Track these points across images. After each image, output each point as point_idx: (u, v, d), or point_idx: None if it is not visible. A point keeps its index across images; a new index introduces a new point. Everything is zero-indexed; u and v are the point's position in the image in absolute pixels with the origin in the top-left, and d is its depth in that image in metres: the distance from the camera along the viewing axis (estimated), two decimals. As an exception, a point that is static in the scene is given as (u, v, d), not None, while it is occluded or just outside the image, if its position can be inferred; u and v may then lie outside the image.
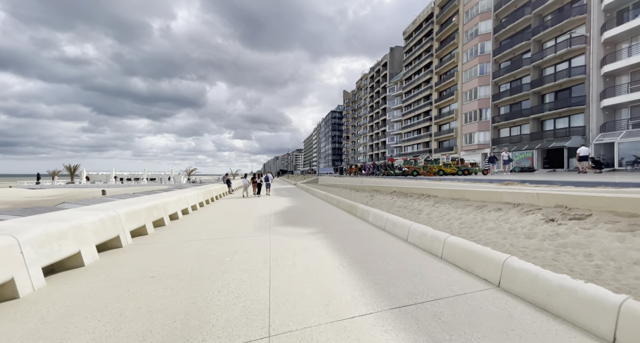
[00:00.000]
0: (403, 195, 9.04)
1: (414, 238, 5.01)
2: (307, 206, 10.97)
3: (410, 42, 52.85)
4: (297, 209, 10.07)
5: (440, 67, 42.92)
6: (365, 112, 77.20)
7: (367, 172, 26.01)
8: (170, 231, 6.40)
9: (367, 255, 4.42)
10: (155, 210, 6.71)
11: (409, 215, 6.45)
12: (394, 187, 10.25)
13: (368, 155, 74.18)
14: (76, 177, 53.34)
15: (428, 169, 19.62)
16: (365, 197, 10.82)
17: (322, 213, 8.91)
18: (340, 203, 10.10)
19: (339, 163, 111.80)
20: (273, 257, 4.35)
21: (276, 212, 9.30)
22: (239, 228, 6.62)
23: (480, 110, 34.51)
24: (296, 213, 8.98)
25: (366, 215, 7.50)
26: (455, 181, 9.82)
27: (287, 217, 8.34)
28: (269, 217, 8.40)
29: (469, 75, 36.10)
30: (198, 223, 7.36)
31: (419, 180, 11.37)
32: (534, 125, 28.73)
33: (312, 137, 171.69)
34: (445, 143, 43.00)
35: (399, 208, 7.42)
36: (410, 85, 51.97)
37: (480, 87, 34.38)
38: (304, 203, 12.14)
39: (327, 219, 7.84)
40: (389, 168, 22.25)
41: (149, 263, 4.08)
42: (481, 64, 34.41)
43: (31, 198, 29.42)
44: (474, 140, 35.11)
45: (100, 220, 4.57)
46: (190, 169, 63.99)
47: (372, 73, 71.17)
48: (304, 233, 6.06)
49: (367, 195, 11.13)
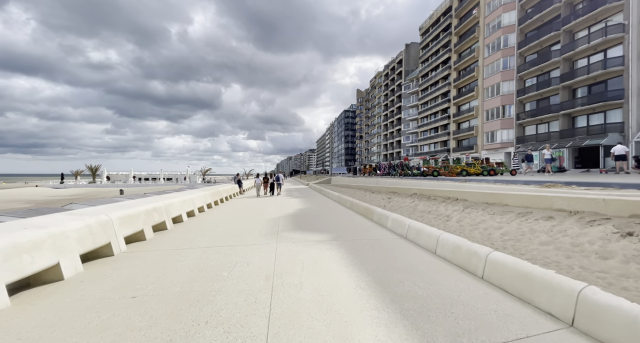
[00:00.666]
0: (425, 198, 8.18)
1: (445, 252, 4.22)
2: (319, 208, 10.31)
3: (427, 38, 51.06)
4: (308, 212, 9.44)
5: (459, 62, 41.07)
6: (379, 111, 75.67)
7: (383, 172, 25.01)
8: (170, 236, 5.92)
9: (389, 272, 3.68)
10: (156, 213, 6.26)
11: (435, 222, 5.64)
12: (414, 189, 9.39)
13: (382, 154, 72.62)
14: (97, 176, 55.44)
15: (450, 169, 18.43)
16: (382, 199, 10.02)
17: (334, 217, 8.21)
18: (355, 206, 9.36)
19: (352, 163, 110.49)
20: (277, 272, 3.71)
21: (286, 215, 8.70)
22: (245, 234, 6.05)
23: (503, 107, 32.59)
24: (307, 217, 8.33)
25: (384, 220, 6.74)
26: (484, 183, 8.84)
27: (297, 220, 7.71)
28: (278, 220, 7.80)
29: (490, 70, 34.20)
30: (202, 227, 6.87)
31: (441, 181, 10.43)
32: (564, 121, 26.68)
33: (324, 137, 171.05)
34: (464, 142, 41.09)
35: (422, 214, 6.61)
36: (427, 82, 50.20)
37: (504, 82, 32.45)
38: (315, 205, 11.49)
39: (341, 224, 7.14)
40: (406, 168, 21.17)
41: (135, 278, 3.54)
42: (504, 57, 32.47)
43: (53, 197, 30.55)
44: (497, 139, 33.20)
45: (87, 226, 4.09)
46: (205, 169, 65.06)
47: (387, 71, 69.59)
48: (315, 241, 5.40)
49: (384, 198, 10.32)
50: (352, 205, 9.83)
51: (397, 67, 64.26)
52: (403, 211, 7.25)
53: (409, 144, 58.37)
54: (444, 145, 45.91)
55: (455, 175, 17.61)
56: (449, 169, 18.37)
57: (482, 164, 20.14)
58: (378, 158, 76.34)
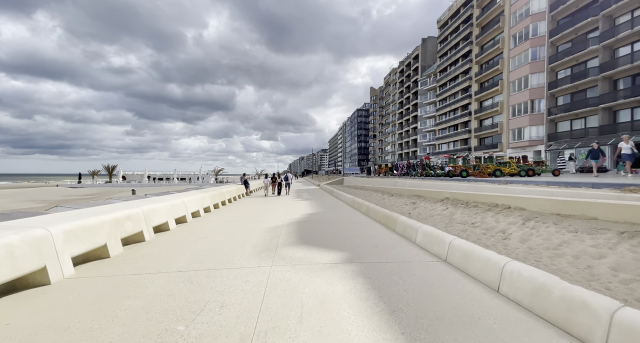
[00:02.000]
0: (462, 204, 6.67)
1: (520, 292, 2.77)
2: (330, 214, 8.96)
3: (446, 31, 48.51)
4: (317, 218, 8.11)
5: (481, 55, 38.48)
6: (394, 109, 73.33)
7: (400, 173, 23.25)
8: (142, 252, 4.76)
9: (439, 331, 2.28)
10: (130, 222, 5.13)
11: (486, 240, 4.18)
12: (446, 193, 7.85)
13: (397, 154, 70.26)
14: (114, 176, 56.59)
15: (480, 169, 16.47)
16: (405, 204, 8.54)
17: (348, 226, 6.85)
18: (372, 212, 7.95)
19: (365, 163, 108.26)
20: (261, 326, 2.40)
21: (290, 223, 7.41)
22: (234, 250, 4.80)
23: (532, 101, 29.96)
24: (315, 225, 7.01)
25: (411, 233, 5.32)
26: (532, 185, 7.18)
27: (303, 230, 6.40)
28: (279, 229, 6.52)
29: (517, 61, 31.61)
30: (187, 239, 5.69)
31: (476, 183, 8.82)
32: (604, 116, 23.96)
33: (337, 136, 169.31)
34: (487, 140, 38.46)
35: (463, 226, 5.13)
36: (446, 78, 47.67)
37: (532, 74, 29.83)
38: (326, 209, 10.15)
39: (356, 236, 5.77)
40: (428, 167, 19.34)
41: (48, 332, 2.33)
42: (533, 48, 29.85)
43: (66, 197, 30.85)
44: (524, 136, 30.59)
45: (5, 246, 2.94)
46: (217, 169, 65.22)
47: (402, 67, 67.20)
48: (322, 264, 4.06)
49: (407, 203, 8.83)
50: (368, 210, 8.42)
51: (413, 63, 61.82)
52: (436, 221, 5.78)
53: (425, 142, 55.88)
54: (465, 143, 43.31)
55: (486, 176, 15.65)
56: (480, 169, 16.48)
57: (519, 162, 17.80)
58: (392, 157, 73.97)
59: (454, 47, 46.36)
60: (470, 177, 15.39)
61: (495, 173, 15.89)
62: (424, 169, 19.20)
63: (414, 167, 21.26)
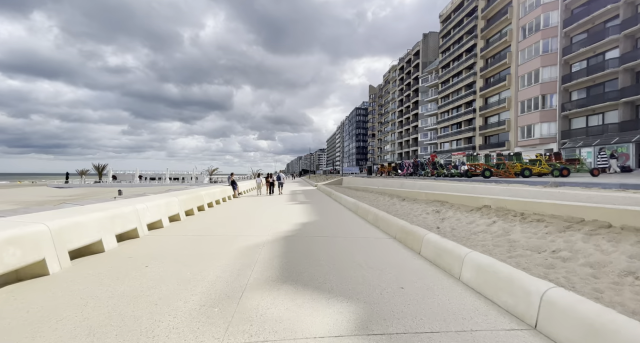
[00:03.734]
0: (516, 216, 4.80)
1: None
2: (329, 224, 7.08)
3: (448, 25, 46.73)
4: (311, 231, 6.22)
5: (487, 49, 36.71)
6: (393, 107, 71.54)
7: (406, 172, 21.34)
8: (14, 305, 2.83)
9: None
10: (14, 249, 3.20)
11: (604, 285, 2.30)
12: (485, 198, 5.98)
13: (397, 153, 68.51)
14: (104, 176, 54.40)
15: (506, 168, 14.40)
16: (425, 213, 6.67)
17: (353, 245, 4.98)
18: (383, 222, 6.09)
19: (363, 162, 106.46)
20: None
21: (276, 238, 5.52)
22: (171, 301, 2.89)
23: (543, 97, 28.21)
24: (308, 244, 5.12)
25: (451, 261, 3.47)
26: (600, 188, 5.31)
27: (291, 254, 4.51)
28: (258, 251, 4.63)
29: (527, 54, 29.84)
30: (114, 271, 3.77)
31: (510, 186, 6.97)
32: (625, 111, 22.22)
33: (335, 136, 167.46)
34: (492, 138, 36.72)
35: (539, 256, 3.25)
36: (448, 74, 45.89)
37: (544, 68, 28.08)
38: (324, 216, 8.27)
39: (367, 265, 3.90)
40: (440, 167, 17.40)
41: None
42: (545, 39, 28.09)
43: (47, 198, 28.75)
44: (534, 134, 28.85)
45: None
46: (212, 169, 63.20)
47: (402, 64, 65.39)
48: (316, 338, 2.16)
49: (427, 211, 6.95)
50: (377, 220, 6.55)
51: (413, 59, 60.01)
52: (487, 244, 3.93)
53: (427, 141, 54.13)
54: (469, 142, 41.55)
55: (514, 176, 13.72)
56: (505, 168, 14.39)
57: (549, 160, 15.64)
58: (392, 157, 72.22)
59: (457, 42, 44.57)
60: (494, 178, 13.42)
61: (524, 172, 13.91)
62: (435, 169, 17.28)
63: (422, 166, 19.35)
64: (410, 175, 20.81)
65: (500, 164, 14.88)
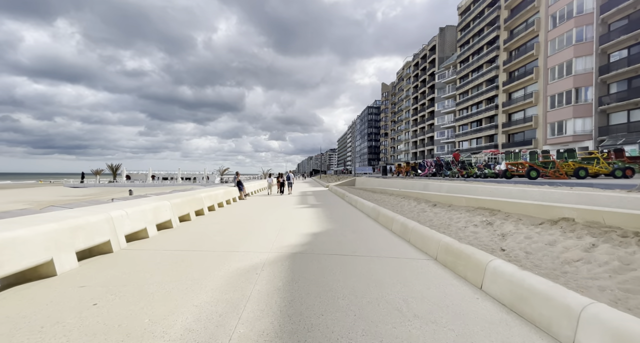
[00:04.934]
0: (635, 237, 3.35)
1: None
2: (345, 235, 5.80)
3: (467, 17, 44.32)
4: (324, 246, 4.96)
5: (510, 41, 34.30)
6: (407, 105, 69.25)
7: (427, 172, 19.63)
8: None
9: None
10: None
11: None
12: (565, 208, 4.48)
13: (411, 152, 66.22)
14: (118, 176, 55.18)
15: (556, 167, 12.20)
16: (473, 224, 5.27)
17: (382, 270, 3.67)
18: (415, 235, 4.76)
19: (375, 162, 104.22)
20: None
21: (279, 258, 4.29)
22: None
23: (576, 90, 25.79)
24: (321, 267, 3.85)
25: (559, 320, 2.12)
26: None
27: (296, 284, 3.26)
28: (252, 279, 3.41)
29: (558, 44, 27.43)
30: (14, 327, 2.64)
31: (576, 190, 5.47)
32: (676, 104, 19.70)
33: (346, 135, 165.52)
34: (517, 136, 34.26)
35: None
36: (467, 68, 43.52)
37: (577, 58, 25.65)
38: (338, 224, 6.99)
39: (409, 312, 2.59)
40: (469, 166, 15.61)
41: None
42: (578, 27, 25.66)
43: (54, 198, 28.86)
44: (566, 130, 26.43)
45: None
46: (223, 169, 63.15)
47: (417, 60, 63.09)
48: None
49: (472, 221, 5.54)
50: (405, 231, 5.22)
51: (429, 55, 57.67)
52: (603, 282, 2.53)
53: (443, 140, 51.76)
54: (490, 140, 39.12)
55: (566, 177, 11.86)
56: (555, 167, 12.16)
57: (608, 158, 13.19)
58: (406, 157, 69.94)
59: (477, 34, 42.14)
60: (540, 179, 11.57)
61: (578, 173, 11.74)
62: (464, 168, 15.53)
63: (448, 166, 17.60)
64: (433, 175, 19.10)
65: (548, 163, 12.63)
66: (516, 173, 12.92)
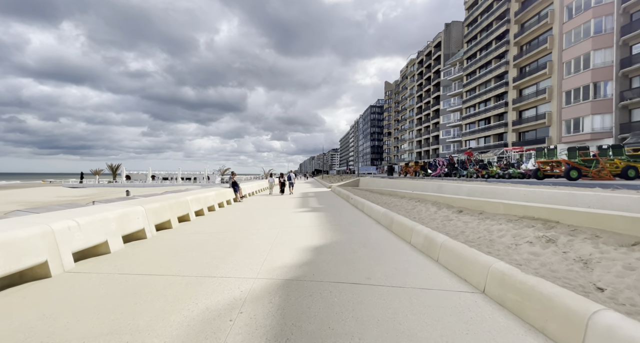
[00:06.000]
0: None
1: None
2: (353, 250, 4.60)
3: (475, 11, 42.86)
4: (327, 268, 3.77)
5: (521, 35, 32.85)
6: (411, 103, 67.82)
7: (439, 172, 18.29)
8: None
9: None
10: None
11: None
12: None
13: (415, 152, 64.79)
14: (118, 176, 54.48)
15: (600, 166, 10.51)
16: (527, 241, 4.07)
17: (411, 313, 2.48)
18: (448, 254, 3.58)
19: (378, 162, 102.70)
20: None
21: (266, 289, 3.11)
22: None
23: (595, 84, 24.35)
24: (324, 307, 2.65)
25: None
26: None
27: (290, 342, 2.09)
28: (224, 328, 2.24)
29: (574, 37, 26.00)
30: None
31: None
32: None
33: (348, 135, 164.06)
34: (528, 134, 32.81)
35: None
36: (475, 65, 42.07)
37: (596, 51, 24.21)
38: (344, 234, 5.82)
39: None
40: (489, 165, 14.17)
41: None
42: (597, 18, 24.21)
43: (54, 198, 28.01)
44: (584, 128, 24.99)
45: None
46: (224, 169, 62.23)
47: (422, 57, 61.65)
48: None
49: (524, 236, 4.33)
50: (430, 246, 4.03)
51: (434, 52, 56.21)
52: None
53: (449, 139, 50.31)
54: (499, 139, 37.68)
55: (612, 177, 10.51)
56: (599, 166, 10.47)
57: None
58: (410, 156, 68.50)
59: (485, 29, 40.67)
60: (580, 180, 10.21)
61: (627, 172, 10.30)
62: (484, 168, 14.13)
63: (463, 165, 16.27)
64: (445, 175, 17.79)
65: (591, 161, 10.80)
66: (550, 173, 11.53)
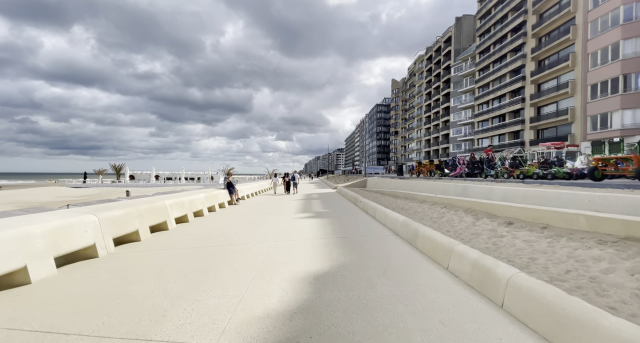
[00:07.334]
0: None
1: None
2: (371, 278, 3.14)
3: (488, 3, 40.82)
4: (335, 320, 2.32)
5: (540, 26, 30.84)
6: (420, 101, 65.83)
7: (459, 172, 16.58)
8: None
9: None
10: None
11: None
12: None
13: (423, 151, 62.82)
14: (122, 176, 54.08)
15: None
16: (631, 274, 2.59)
17: None
18: (526, 301, 2.16)
19: (385, 162, 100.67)
20: None
21: None
22: None
23: (625, 76, 22.36)
24: None
25: None
26: None
27: None
28: None
29: (600, 26, 24.02)
30: None
31: None
32: None
33: (354, 135, 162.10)
34: (548, 131, 30.79)
35: None
36: (488, 59, 40.06)
37: (626, 40, 22.22)
38: (356, 253, 4.40)
39: None
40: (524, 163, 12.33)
41: None
42: (627, 4, 22.23)
43: (53, 199, 27.25)
44: (612, 124, 23.01)
45: None
46: (228, 168, 61.35)
47: (431, 53, 59.63)
48: None
49: (630, 269, 2.87)
50: (485, 281, 2.62)
51: (444, 47, 54.20)
52: None
53: (460, 137, 48.29)
54: (515, 137, 35.65)
55: None
56: None
57: None
58: (418, 156, 66.53)
59: (500, 21, 38.64)
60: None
61: None
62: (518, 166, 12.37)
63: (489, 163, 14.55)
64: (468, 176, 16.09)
65: None
66: (613, 172, 9.74)
